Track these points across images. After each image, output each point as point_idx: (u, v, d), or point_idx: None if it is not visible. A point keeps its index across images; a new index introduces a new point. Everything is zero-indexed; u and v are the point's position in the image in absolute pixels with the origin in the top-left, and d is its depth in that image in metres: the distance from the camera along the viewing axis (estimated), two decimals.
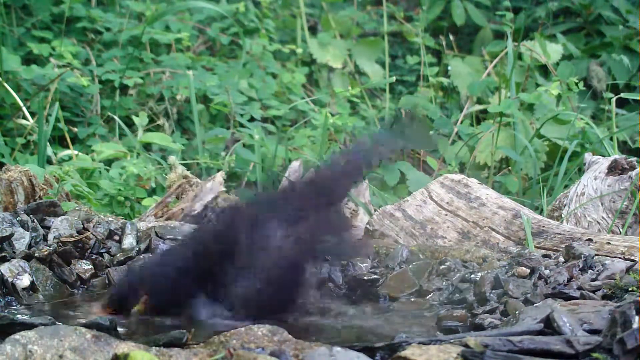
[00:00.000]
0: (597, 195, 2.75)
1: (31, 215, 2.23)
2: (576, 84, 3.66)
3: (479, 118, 4.48)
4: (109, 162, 3.34)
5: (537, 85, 4.40)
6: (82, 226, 2.26)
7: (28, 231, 2.17)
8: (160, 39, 4.29)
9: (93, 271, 2.17)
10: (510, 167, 3.91)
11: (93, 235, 2.24)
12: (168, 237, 2.30)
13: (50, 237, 2.19)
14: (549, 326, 1.52)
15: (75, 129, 3.82)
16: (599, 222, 2.69)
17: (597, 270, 1.89)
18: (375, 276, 2.16)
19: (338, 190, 1.35)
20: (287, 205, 1.25)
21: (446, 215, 2.54)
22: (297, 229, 1.23)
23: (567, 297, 1.78)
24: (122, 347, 1.36)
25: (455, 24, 5.24)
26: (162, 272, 1.38)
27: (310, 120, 4.01)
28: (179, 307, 1.38)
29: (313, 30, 5.15)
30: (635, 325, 1.39)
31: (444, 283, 2.09)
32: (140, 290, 1.45)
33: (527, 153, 3.73)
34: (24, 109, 3.55)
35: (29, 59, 4.08)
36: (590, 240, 2.26)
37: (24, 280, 2.03)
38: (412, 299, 2.09)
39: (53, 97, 3.68)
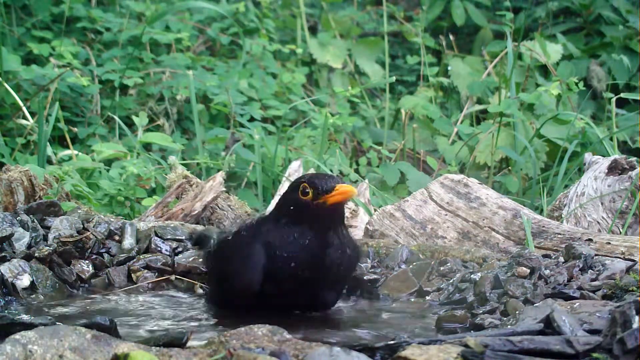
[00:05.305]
0: (597, 195, 2.75)
1: (31, 215, 2.23)
2: (576, 84, 3.67)
3: (479, 118, 4.49)
4: (109, 162, 3.34)
5: (537, 85, 4.40)
6: (82, 226, 2.26)
7: (28, 231, 2.17)
8: (160, 39, 4.29)
9: (93, 271, 2.17)
10: (510, 167, 3.91)
11: (93, 235, 2.24)
12: (168, 237, 2.30)
13: (50, 237, 2.19)
14: (549, 326, 1.52)
15: (75, 129, 3.82)
16: (599, 222, 2.69)
17: (597, 270, 1.89)
18: (375, 276, 2.16)
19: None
20: None
21: (446, 215, 2.54)
22: None
23: (567, 297, 1.78)
24: (122, 347, 1.36)
25: (455, 24, 5.24)
26: None
27: (310, 120, 4.01)
28: None
29: (313, 30, 5.15)
30: (635, 325, 1.39)
31: (443, 283, 2.09)
32: None
33: (527, 153, 3.73)
34: (24, 109, 3.55)
35: (29, 59, 4.09)
36: (590, 240, 2.26)
37: (24, 280, 2.02)
38: (412, 299, 2.09)
39: (53, 97, 3.69)
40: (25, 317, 1.49)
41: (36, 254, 2.09)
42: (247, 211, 2.74)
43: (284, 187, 3.01)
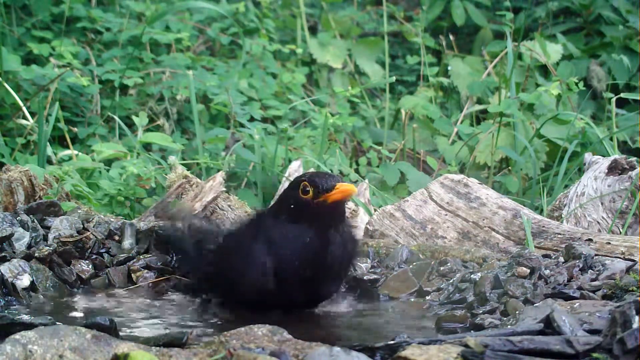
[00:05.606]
0: (597, 195, 2.75)
1: (31, 215, 2.23)
2: (576, 84, 3.66)
3: (479, 118, 4.48)
4: (109, 162, 3.34)
5: (537, 85, 4.40)
6: (82, 226, 2.26)
7: (28, 231, 2.17)
8: (160, 39, 4.29)
9: (93, 271, 2.17)
10: (510, 167, 3.91)
11: (93, 235, 2.24)
12: None
13: (50, 237, 2.19)
14: (549, 326, 1.52)
15: (75, 129, 3.82)
16: (599, 222, 2.69)
17: (597, 270, 1.89)
18: (375, 276, 2.16)
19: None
20: None
21: (446, 215, 2.54)
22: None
23: (567, 297, 1.78)
24: (122, 347, 1.36)
25: (455, 24, 5.24)
26: None
27: (310, 120, 4.01)
28: None
29: (313, 30, 5.15)
30: (635, 325, 1.39)
31: (443, 283, 2.09)
32: None
33: (527, 153, 3.73)
34: (24, 109, 3.55)
35: (29, 59, 4.08)
36: (590, 240, 2.26)
37: (24, 280, 2.03)
38: (412, 299, 2.09)
39: (53, 97, 3.68)
40: (25, 317, 1.49)
41: (36, 254, 2.09)
42: (247, 211, 2.74)
43: (284, 188, 3.01)
